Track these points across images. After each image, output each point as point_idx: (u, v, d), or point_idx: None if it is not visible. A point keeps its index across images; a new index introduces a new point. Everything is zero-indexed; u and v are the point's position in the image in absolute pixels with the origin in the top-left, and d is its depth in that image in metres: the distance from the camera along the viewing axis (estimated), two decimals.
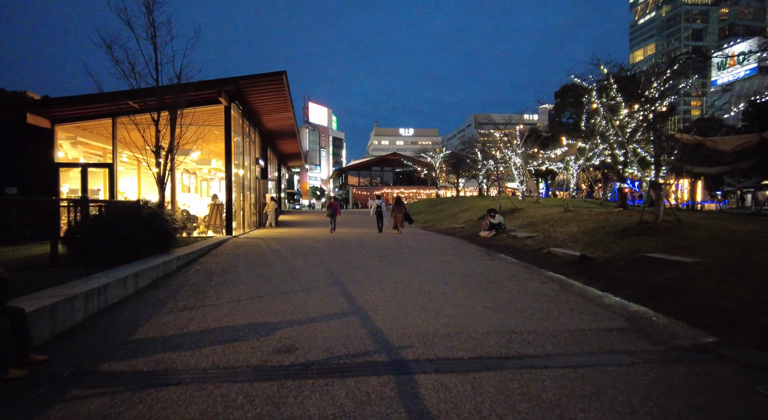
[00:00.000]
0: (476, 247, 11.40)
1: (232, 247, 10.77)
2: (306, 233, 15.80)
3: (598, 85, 13.93)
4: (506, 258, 9.30)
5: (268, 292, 5.84)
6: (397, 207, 15.68)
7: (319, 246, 11.41)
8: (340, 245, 11.63)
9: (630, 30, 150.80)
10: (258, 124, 18.57)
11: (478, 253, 10.17)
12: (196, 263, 8.32)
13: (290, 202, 63.94)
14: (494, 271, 7.55)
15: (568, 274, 7.30)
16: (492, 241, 12.21)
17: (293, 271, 7.42)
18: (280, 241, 12.84)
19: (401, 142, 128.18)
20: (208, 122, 14.22)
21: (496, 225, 13.50)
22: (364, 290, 5.96)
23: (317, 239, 13.30)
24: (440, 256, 9.51)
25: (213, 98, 12.64)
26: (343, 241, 12.87)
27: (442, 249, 10.87)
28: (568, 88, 30.80)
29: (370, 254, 9.71)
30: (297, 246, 11.42)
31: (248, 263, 8.30)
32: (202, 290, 5.99)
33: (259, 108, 15.85)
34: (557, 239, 10.50)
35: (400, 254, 9.71)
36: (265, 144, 22.68)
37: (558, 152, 22.12)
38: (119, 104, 11.05)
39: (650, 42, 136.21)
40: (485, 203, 23.46)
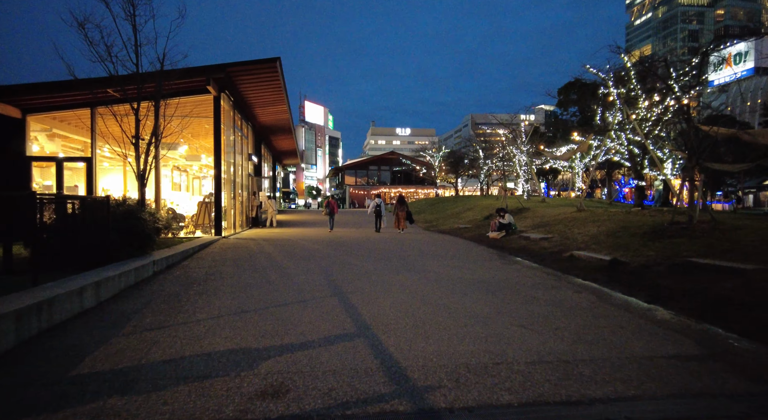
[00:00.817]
0: (487, 249, 10.50)
1: (220, 250, 9.80)
2: (302, 234, 14.84)
3: (615, 75, 13.05)
4: (524, 262, 8.40)
5: (255, 306, 4.89)
6: (400, 206, 14.97)
7: (316, 248, 10.47)
8: (339, 247, 10.69)
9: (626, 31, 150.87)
10: (251, 118, 17.59)
11: (491, 256, 9.27)
12: (177, 268, 7.35)
13: (286, 202, 62.80)
14: (516, 278, 6.64)
15: (601, 281, 6.41)
16: (503, 243, 11.32)
17: (287, 278, 6.47)
18: (274, 242, 11.88)
19: (398, 142, 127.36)
20: (194, 113, 13.24)
21: (505, 225, 12.61)
22: (370, 303, 5.03)
23: (314, 240, 12.35)
24: (450, 259, 8.60)
25: (201, 87, 11.66)
26: (343, 242, 11.93)
27: (450, 251, 9.96)
28: (571, 84, 30.03)
29: (374, 257, 8.78)
30: (292, 248, 10.47)
31: (236, 268, 7.34)
32: (177, 302, 5.04)
33: (252, 100, 14.88)
34: (576, 241, 9.63)
35: (405, 257, 8.79)
36: (259, 140, 21.68)
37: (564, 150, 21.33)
38: (96, 92, 10.07)
39: (646, 43, 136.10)
40: (488, 203, 22.62)
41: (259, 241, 12.00)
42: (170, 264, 7.55)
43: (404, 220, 14.59)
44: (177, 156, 17.58)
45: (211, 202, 12.79)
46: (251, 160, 17.47)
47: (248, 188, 17.45)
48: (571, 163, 25.68)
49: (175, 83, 10.40)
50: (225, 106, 13.45)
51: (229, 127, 14.03)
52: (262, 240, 12.27)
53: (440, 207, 26.87)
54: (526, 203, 19.00)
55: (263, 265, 7.64)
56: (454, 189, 46.34)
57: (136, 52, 9.31)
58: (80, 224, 5.90)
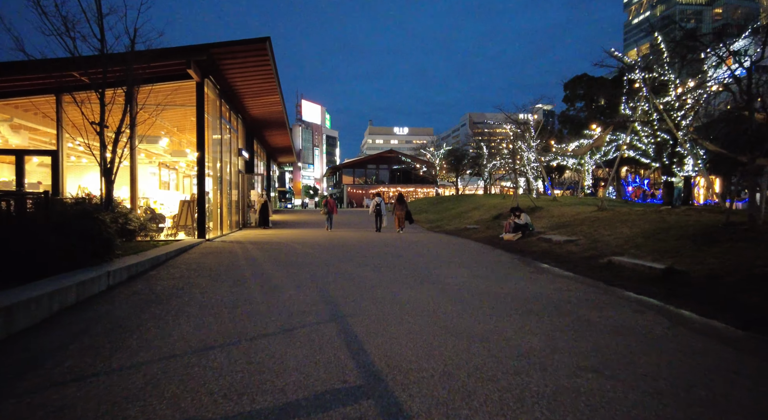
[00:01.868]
0: (505, 253, 9.27)
1: (200, 255, 8.52)
2: (297, 236, 13.57)
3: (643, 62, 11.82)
4: (554, 270, 7.17)
5: (225, 337, 3.63)
6: (399, 205, 14.25)
7: (311, 253, 9.21)
8: (337, 251, 9.43)
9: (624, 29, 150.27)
10: (241, 110, 16.29)
11: (514, 262, 8.04)
12: (139, 280, 6.07)
13: (282, 201, 61.40)
14: (553, 292, 5.41)
15: (660, 296, 5.19)
16: (521, 246, 10.09)
17: (272, 294, 5.21)
18: (264, 246, 10.61)
19: (395, 141, 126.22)
20: (177, 102, 11.95)
21: (522, 226, 11.39)
22: (378, 332, 3.78)
23: (309, 243, 11.09)
24: (467, 266, 7.36)
25: (181, 71, 10.37)
26: (342, 245, 10.68)
27: (464, 256, 8.72)
28: (578, 78, 28.88)
29: (378, 264, 7.52)
30: (283, 253, 9.20)
31: (212, 280, 6.07)
32: (121, 332, 3.77)
33: (241, 88, 13.59)
34: (609, 245, 8.41)
35: (415, 264, 7.54)
36: (251, 135, 20.38)
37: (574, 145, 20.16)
38: (59, 76, 8.77)
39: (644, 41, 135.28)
40: (494, 202, 21.43)
41: (246, 244, 10.72)
42: (133, 274, 6.27)
43: (403, 219, 14.04)
44: (161, 151, 16.27)
45: (194, 201, 11.50)
46: (241, 156, 16.19)
47: (238, 186, 16.15)
48: (580, 160, 24.53)
49: (150, 66, 9.12)
50: (210, 94, 12.16)
51: (215, 118, 12.74)
52: (250, 243, 11.00)
53: (443, 206, 25.65)
54: (538, 202, 17.79)
55: (245, 276, 6.37)
56: (454, 188, 45.14)
57: (101, 27, 8.01)
58: (5, 227, 4.62)
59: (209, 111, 12.53)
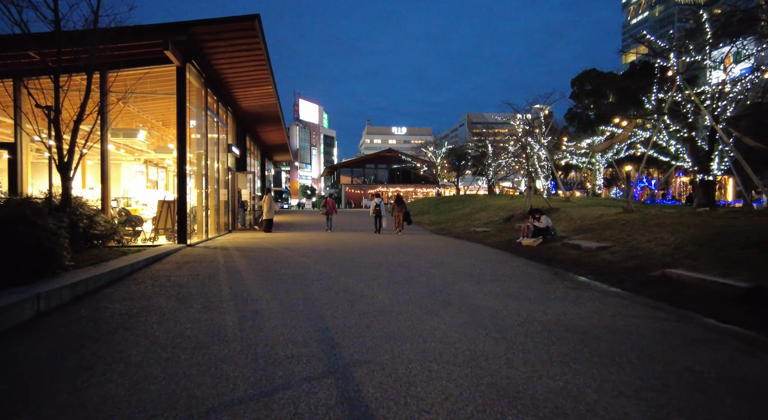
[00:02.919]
0: (530, 262, 8.04)
1: (174, 266, 7.26)
2: (291, 240, 12.32)
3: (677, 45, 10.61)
4: (597, 285, 5.96)
5: (165, 408, 2.38)
6: (398, 206, 14.09)
7: (306, 262, 7.96)
8: (336, 260, 8.19)
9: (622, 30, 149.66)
10: (230, 102, 15.01)
11: (543, 273, 6.82)
12: (86, 302, 4.81)
13: (278, 201, 60.06)
14: (614, 320, 4.18)
15: (758, 326, 3.98)
16: (544, 253, 8.88)
17: (251, 324, 3.97)
18: (252, 253, 9.36)
19: (394, 141, 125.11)
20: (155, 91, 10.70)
21: (542, 230, 10.18)
22: (399, 397, 2.54)
23: (305, 249, 9.84)
24: (492, 280, 6.13)
25: (158, 54, 9.10)
26: (342, 251, 9.44)
27: (484, 266, 7.49)
28: (587, 74, 27.72)
29: (386, 277, 6.29)
30: (273, 262, 7.96)
31: (178, 301, 4.82)
32: (13, 394, 2.52)
33: (229, 77, 12.32)
34: (653, 253, 7.21)
35: (429, 277, 6.31)
36: (243, 131, 19.10)
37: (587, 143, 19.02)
38: (8, 55, 7.49)
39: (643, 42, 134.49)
40: (502, 202, 20.24)
41: (232, 251, 9.46)
42: (80, 294, 5.01)
43: (402, 220, 13.85)
44: (144, 147, 14.99)
45: (174, 202, 10.23)
46: (231, 153, 14.92)
47: (228, 185, 14.88)
48: (590, 158, 23.39)
49: (118, 46, 7.86)
50: (193, 81, 10.91)
51: (200, 109, 11.48)
52: (236, 250, 9.74)
53: (446, 207, 24.44)
54: (552, 203, 16.60)
55: (222, 296, 5.12)
56: (455, 188, 43.98)
57: None
58: None
59: (193, 101, 11.27)
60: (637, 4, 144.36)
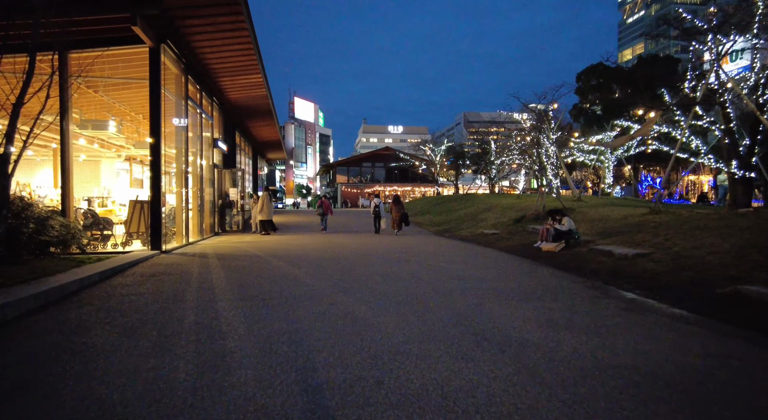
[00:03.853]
0: (558, 272, 6.90)
1: (135, 281, 6.05)
2: (282, 244, 11.13)
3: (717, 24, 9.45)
4: (652, 305, 4.83)
5: None
6: (396, 206, 13.88)
7: (295, 275, 6.78)
8: (332, 270, 7.01)
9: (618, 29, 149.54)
10: (216, 93, 13.77)
11: (581, 288, 5.68)
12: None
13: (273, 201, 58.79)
14: (710, 365, 3.04)
15: None
16: (571, 260, 7.75)
17: (211, 378, 2.79)
18: (234, 262, 8.17)
19: (390, 140, 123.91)
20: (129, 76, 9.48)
21: (564, 233, 9.06)
22: None
23: (296, 256, 8.66)
24: (526, 300, 4.97)
25: (124, 31, 7.87)
26: (339, 259, 8.26)
27: (508, 278, 6.33)
28: (593, 68, 26.69)
29: (393, 296, 5.12)
30: (256, 275, 6.77)
31: (121, 335, 3.64)
32: None
33: (213, 63, 11.09)
34: (707, 263, 6.10)
35: (447, 295, 5.14)
36: (232, 126, 17.86)
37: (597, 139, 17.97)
38: None
39: (639, 41, 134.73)
40: (507, 202, 19.12)
41: (212, 259, 8.25)
42: None
43: (399, 221, 13.67)
44: (122, 142, 13.73)
45: (147, 202, 9.00)
46: (218, 148, 13.69)
47: (213, 183, 13.66)
48: (599, 155, 22.36)
49: (73, 20, 6.64)
50: (170, 66, 9.68)
51: (179, 98, 10.26)
52: (217, 257, 8.53)
53: (447, 207, 23.32)
54: (564, 202, 15.52)
55: (181, 328, 3.93)
56: (453, 187, 42.89)
57: None
58: None
59: (171, 88, 10.06)
60: (632, 3, 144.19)
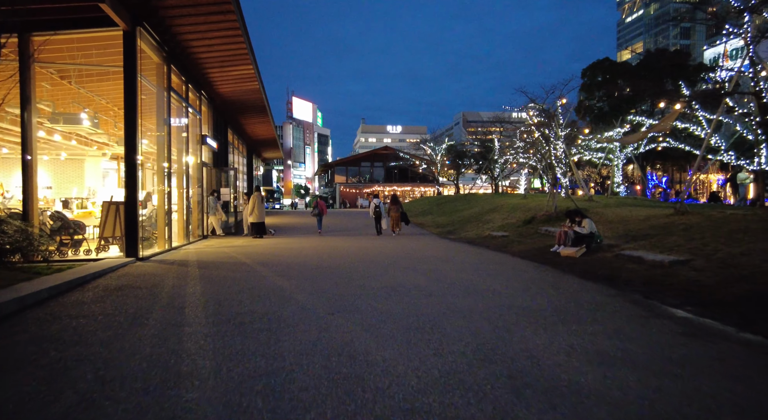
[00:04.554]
0: (587, 283, 6.02)
1: (94, 297, 5.15)
2: (273, 249, 10.24)
3: None
4: (718, 328, 3.96)
5: None
6: (394, 206, 13.77)
7: (283, 290, 5.89)
8: (327, 284, 6.13)
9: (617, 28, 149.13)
10: (204, 86, 12.87)
11: (619, 304, 4.81)
12: None
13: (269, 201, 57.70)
14: None
15: None
16: (596, 267, 6.87)
17: None
18: (216, 272, 7.28)
19: (389, 140, 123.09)
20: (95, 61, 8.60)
21: (585, 237, 8.20)
22: None
23: (287, 265, 7.77)
24: (564, 323, 4.10)
25: (93, 11, 6.97)
26: (335, 268, 7.37)
27: (535, 294, 5.45)
28: (599, 63, 25.86)
29: (402, 321, 4.24)
30: (238, 290, 5.88)
31: (43, 385, 2.75)
32: None
33: (199, 51, 10.19)
34: (764, 270, 5.24)
35: (467, 318, 4.26)
36: (224, 122, 16.96)
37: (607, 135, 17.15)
38: None
39: (638, 40, 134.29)
40: (513, 202, 18.26)
41: (192, 268, 7.35)
42: None
43: (399, 221, 13.53)
44: (105, 138, 12.82)
45: (122, 204, 8.09)
46: (207, 145, 12.78)
47: (201, 183, 12.76)
48: (607, 153, 21.54)
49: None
50: (151, 54, 8.79)
51: (161, 89, 9.36)
52: (198, 266, 7.63)
53: (450, 207, 22.45)
54: (570, 203, 14.66)
55: (128, 369, 3.05)
56: (454, 187, 42.06)
57: None
58: None
59: (151, 78, 9.20)
60: (631, 2, 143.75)
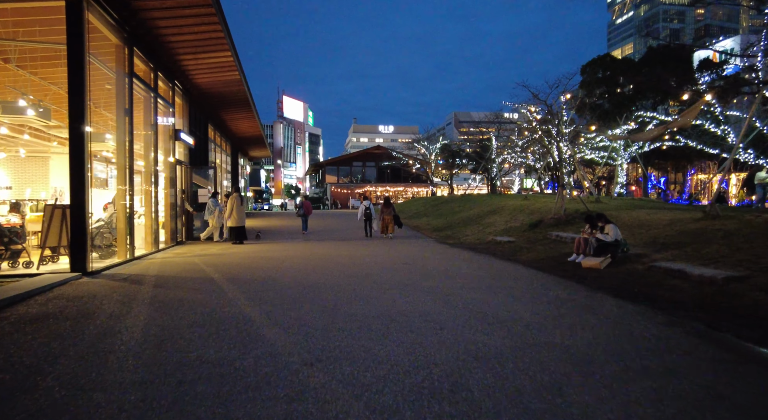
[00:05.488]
0: (627, 306, 4.93)
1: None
2: (250, 260, 9.02)
3: None
4: None
5: None
6: (386, 208, 13.61)
7: (252, 321, 4.70)
8: (309, 310, 4.95)
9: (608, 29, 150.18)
10: (177, 75, 11.58)
11: (682, 341, 3.72)
12: None
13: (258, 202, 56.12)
14: None
15: None
16: (627, 282, 5.80)
17: None
18: (174, 294, 6.06)
19: (380, 140, 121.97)
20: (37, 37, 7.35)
21: (610, 245, 7.14)
22: None
23: (263, 283, 6.57)
24: (624, 373, 2.99)
25: None
26: (320, 287, 6.18)
27: (574, 324, 4.34)
28: (600, 60, 25.04)
29: (412, 373, 3.10)
30: (190, 324, 4.67)
31: None
32: None
33: (167, 33, 8.92)
34: None
35: (500, 371, 3.13)
36: (204, 117, 15.67)
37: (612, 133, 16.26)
38: None
39: (628, 41, 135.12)
40: (514, 203, 17.21)
41: (146, 287, 6.11)
42: None
43: (392, 223, 13.45)
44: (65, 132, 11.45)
45: (69, 207, 6.82)
46: (181, 141, 11.52)
47: (175, 183, 11.49)
48: (610, 153, 20.67)
49: None
50: (105, 32, 7.54)
51: (121, 75, 8.11)
52: (155, 285, 6.39)
53: (446, 209, 21.38)
54: (579, 205, 13.67)
55: None
56: (448, 187, 41.09)
57: None
58: None
59: (108, 61, 7.93)
60: (622, 4, 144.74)
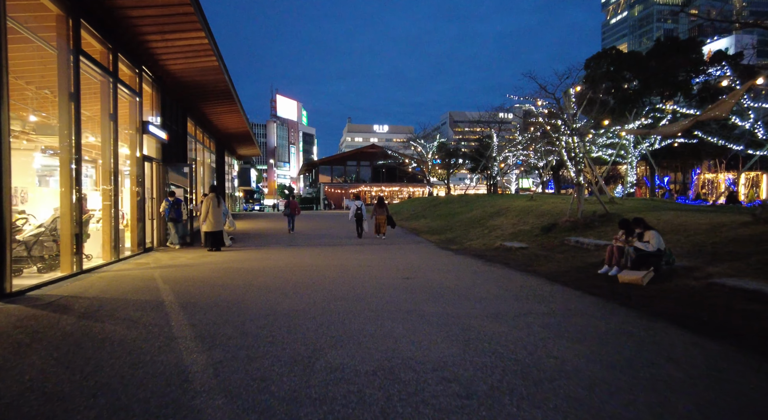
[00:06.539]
0: (701, 341, 3.69)
1: None
2: (222, 274, 7.70)
3: None
4: None
5: None
6: (379, 209, 13.63)
7: (192, 383, 3.40)
8: (285, 355, 3.67)
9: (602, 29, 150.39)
10: (145, 59, 10.21)
11: None
12: None
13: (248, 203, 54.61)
14: None
15: None
16: (686, 305, 4.59)
17: None
18: (101, 327, 4.76)
19: (375, 139, 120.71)
20: None
21: (652, 256, 5.93)
22: None
23: (228, 311, 5.28)
24: None
25: None
26: (303, 311, 4.89)
27: (661, 381, 3.10)
28: (604, 53, 24.02)
29: None
30: (100, 387, 3.36)
31: None
32: None
33: (124, 4, 7.58)
34: None
35: None
36: (182, 110, 14.30)
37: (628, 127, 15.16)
38: None
39: (622, 41, 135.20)
40: (519, 204, 16.01)
41: (70, 318, 4.78)
42: None
43: (385, 224, 13.49)
44: (16, 125, 10.06)
45: None
46: (150, 134, 10.17)
47: (142, 182, 10.13)
48: (619, 151, 19.60)
49: None
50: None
51: (63, 51, 6.76)
52: (85, 315, 5.06)
53: (445, 210, 20.16)
54: (592, 206, 12.50)
55: None
56: (445, 187, 39.96)
57: None
58: None
59: (43, 34, 6.60)
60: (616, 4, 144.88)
